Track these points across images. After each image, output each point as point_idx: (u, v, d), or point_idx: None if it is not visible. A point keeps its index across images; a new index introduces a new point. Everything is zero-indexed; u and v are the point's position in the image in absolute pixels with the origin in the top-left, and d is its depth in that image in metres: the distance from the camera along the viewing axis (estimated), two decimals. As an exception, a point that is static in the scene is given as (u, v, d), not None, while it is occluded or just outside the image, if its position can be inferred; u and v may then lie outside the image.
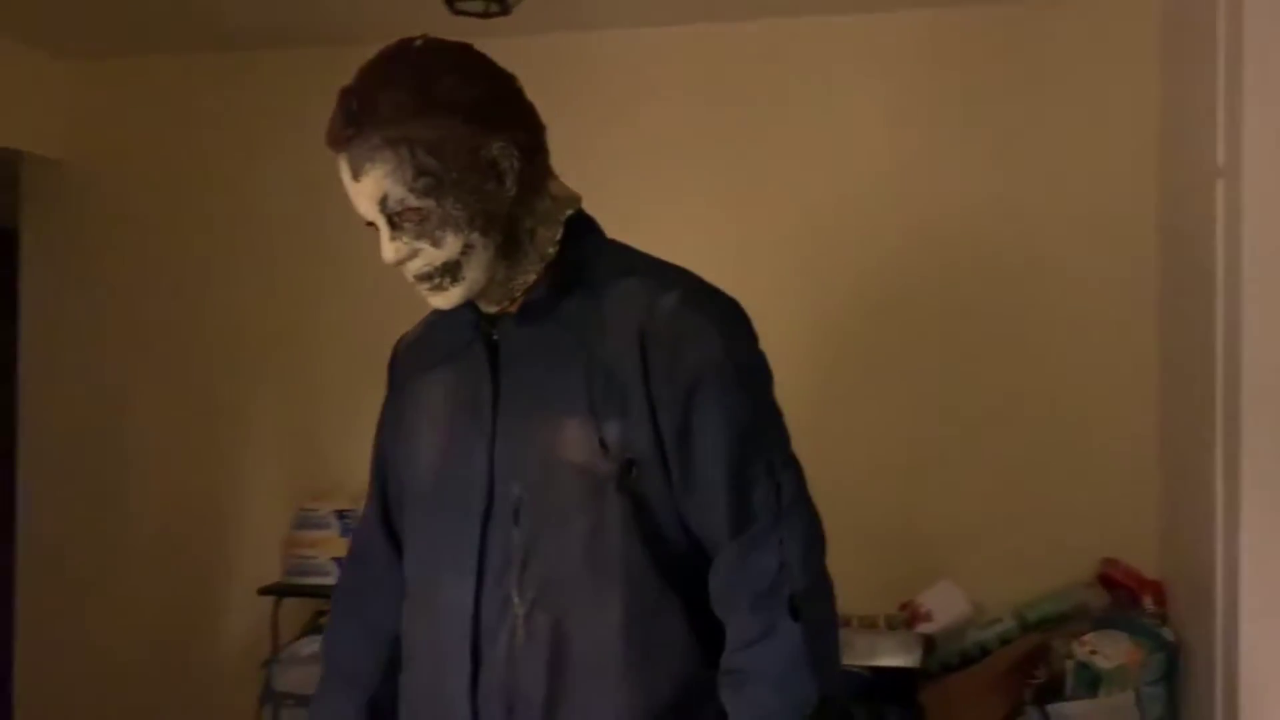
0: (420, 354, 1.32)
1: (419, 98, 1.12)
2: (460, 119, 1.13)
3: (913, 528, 2.48)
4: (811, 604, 1.12)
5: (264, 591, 2.73)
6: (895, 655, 2.24)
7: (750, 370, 1.19)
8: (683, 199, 2.68)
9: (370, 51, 1.15)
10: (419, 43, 1.16)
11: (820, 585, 1.15)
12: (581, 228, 1.24)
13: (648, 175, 2.69)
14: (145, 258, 3.06)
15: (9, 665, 3.10)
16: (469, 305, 1.21)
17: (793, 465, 1.17)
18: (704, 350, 1.14)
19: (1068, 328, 2.51)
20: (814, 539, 1.16)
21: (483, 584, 1.18)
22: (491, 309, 1.22)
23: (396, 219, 1.14)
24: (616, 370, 1.15)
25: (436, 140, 1.12)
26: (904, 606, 2.36)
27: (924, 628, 2.32)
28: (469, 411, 1.22)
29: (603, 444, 1.14)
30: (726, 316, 1.19)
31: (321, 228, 2.80)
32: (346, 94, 1.13)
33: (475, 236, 1.15)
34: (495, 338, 1.22)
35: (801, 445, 1.20)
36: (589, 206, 1.25)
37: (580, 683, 1.15)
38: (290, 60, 2.90)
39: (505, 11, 2.21)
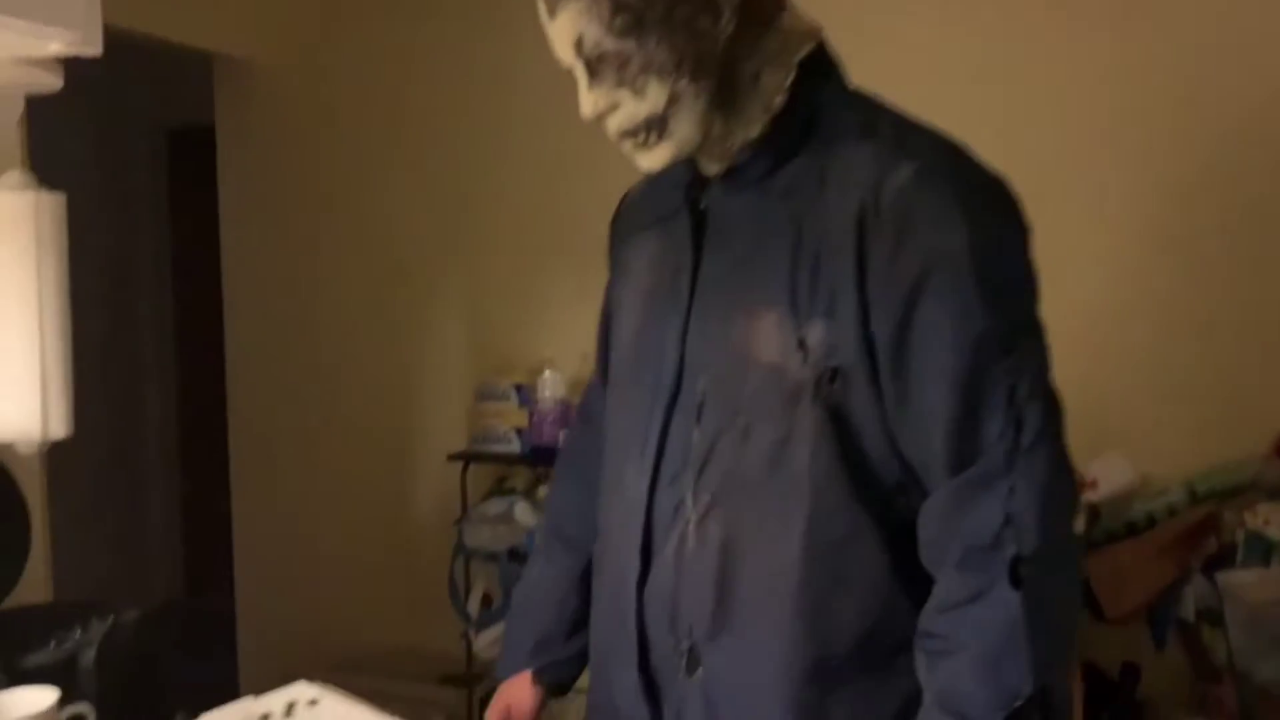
0: (637, 213, 1.21)
1: None
2: None
3: (1083, 395, 2.46)
4: (1043, 573, 0.93)
5: (452, 458, 2.95)
6: (1059, 522, 2.26)
7: (1001, 267, 0.96)
8: (963, 35, 2.54)
9: None
10: None
11: (1059, 553, 0.94)
12: (818, 71, 1.04)
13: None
14: (334, 147, 3.25)
15: (228, 521, 3.44)
16: (688, 163, 1.07)
17: (1044, 397, 0.96)
18: (938, 238, 0.94)
19: (1249, 204, 2.39)
20: (1059, 494, 0.95)
21: (658, 482, 1.07)
22: (713, 169, 1.06)
23: (594, 64, 0.99)
24: (826, 257, 0.97)
25: None
26: (1069, 476, 2.38)
27: (1089, 496, 2.33)
28: (668, 286, 1.09)
29: (801, 345, 0.98)
30: (978, 197, 0.97)
31: (506, 111, 2.91)
32: None
33: (684, 84, 0.98)
34: (703, 205, 1.07)
35: None
36: (839, 43, 1.06)
37: (747, 611, 1.03)
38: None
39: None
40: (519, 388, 2.91)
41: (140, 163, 4.27)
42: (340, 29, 3.21)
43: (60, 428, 1.32)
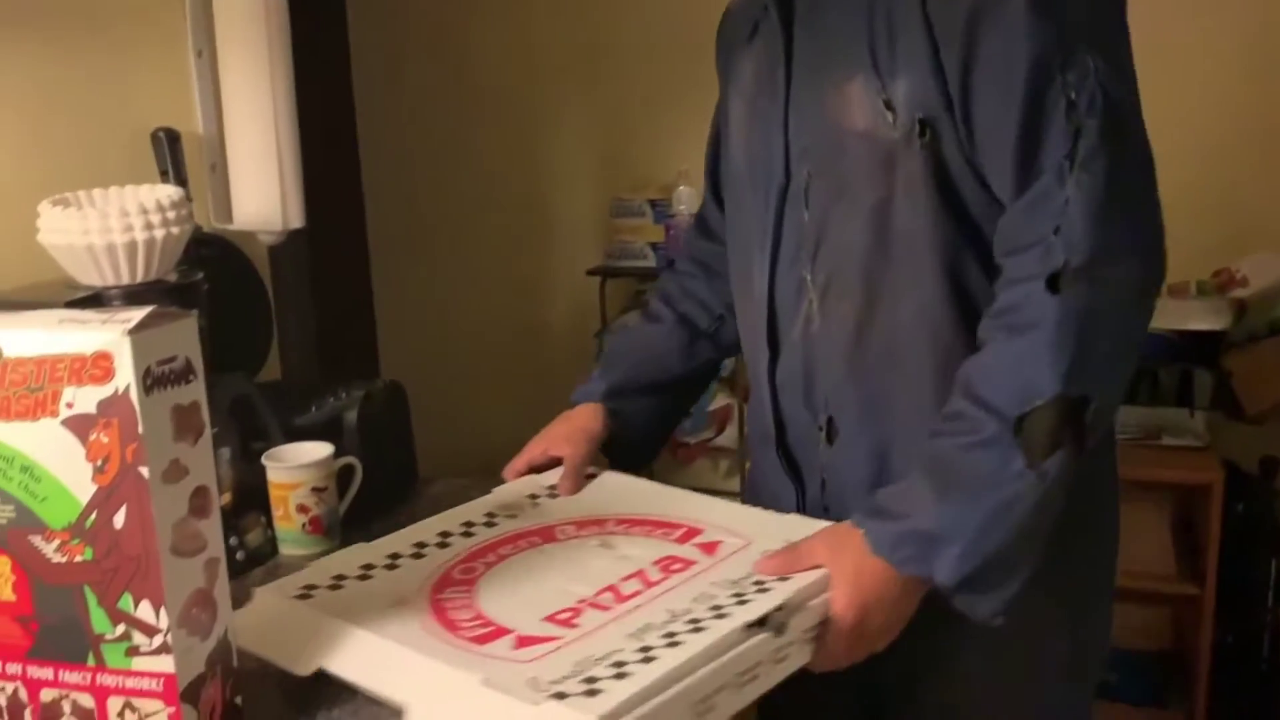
0: (736, 26, 1.23)
1: None
2: None
3: (1235, 194, 2.45)
4: (1089, 285, 0.92)
5: (590, 273, 3.05)
6: (1204, 319, 2.28)
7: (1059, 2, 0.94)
8: None
9: None
10: None
11: (1112, 267, 0.92)
12: None
13: None
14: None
15: (372, 321, 3.53)
16: None
17: (1105, 108, 0.93)
18: None
19: None
20: (1114, 203, 0.92)
21: (776, 269, 1.13)
22: None
23: None
24: (897, 13, 0.99)
25: None
26: (1218, 273, 2.39)
27: (1237, 293, 2.35)
28: (768, 84, 1.13)
29: (889, 106, 1.00)
30: None
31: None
32: None
33: None
34: None
35: None
36: None
37: (876, 370, 1.08)
38: None
39: None
40: (654, 203, 2.98)
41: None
42: None
43: (297, 217, 1.43)
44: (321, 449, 1.27)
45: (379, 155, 3.46)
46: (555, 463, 1.27)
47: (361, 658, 0.91)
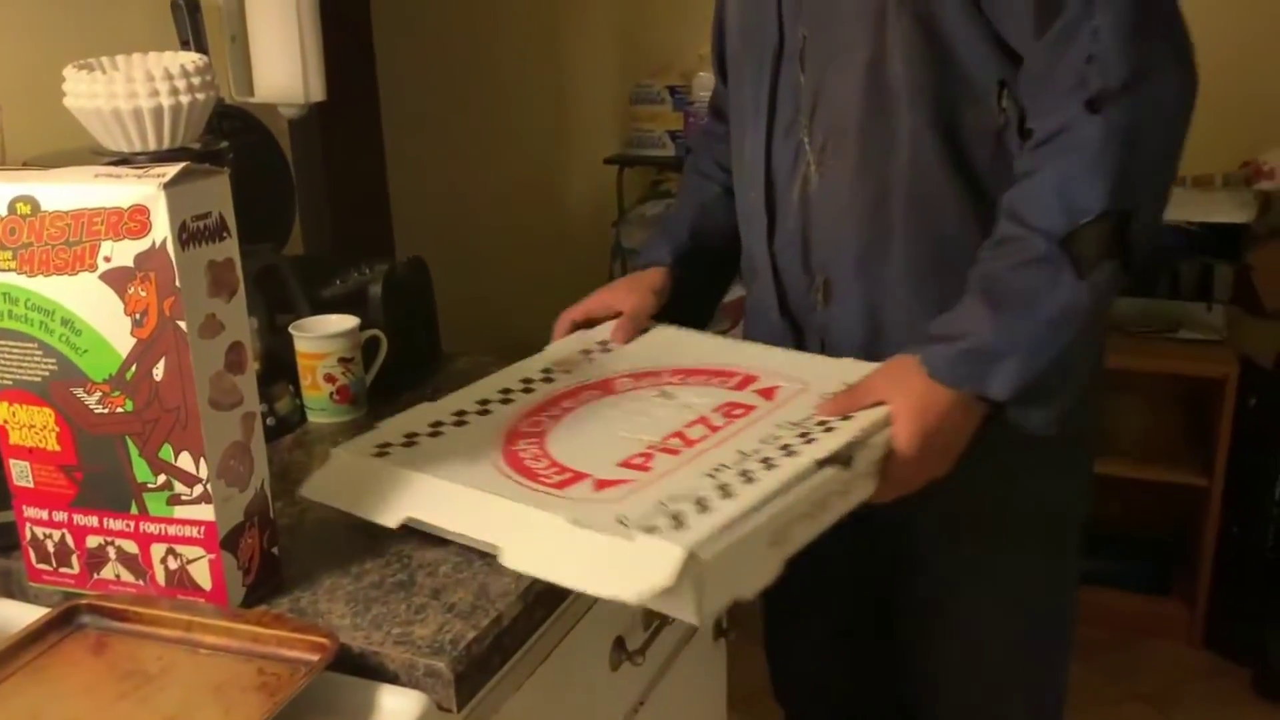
0: None
1: None
2: None
3: (1262, 82, 2.40)
4: (1129, 103, 0.93)
5: (608, 161, 3.03)
6: (1228, 211, 2.26)
7: None
8: None
9: None
10: None
11: (1149, 83, 0.94)
12: None
13: None
14: None
15: (386, 197, 3.52)
16: None
17: None
18: None
19: None
20: (1146, 23, 0.94)
21: (773, 134, 1.16)
22: None
23: None
24: None
25: None
26: (1246, 164, 2.36)
27: (1263, 185, 2.32)
28: None
29: None
30: None
31: None
32: None
33: None
34: None
35: None
36: None
37: (871, 225, 1.11)
38: None
39: None
40: (673, 90, 2.94)
41: None
42: None
43: (318, 91, 1.42)
44: (347, 321, 1.28)
45: (394, 36, 3.40)
46: (610, 317, 1.28)
47: (448, 506, 0.93)
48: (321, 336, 1.26)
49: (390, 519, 0.95)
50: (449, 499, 0.94)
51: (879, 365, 1.07)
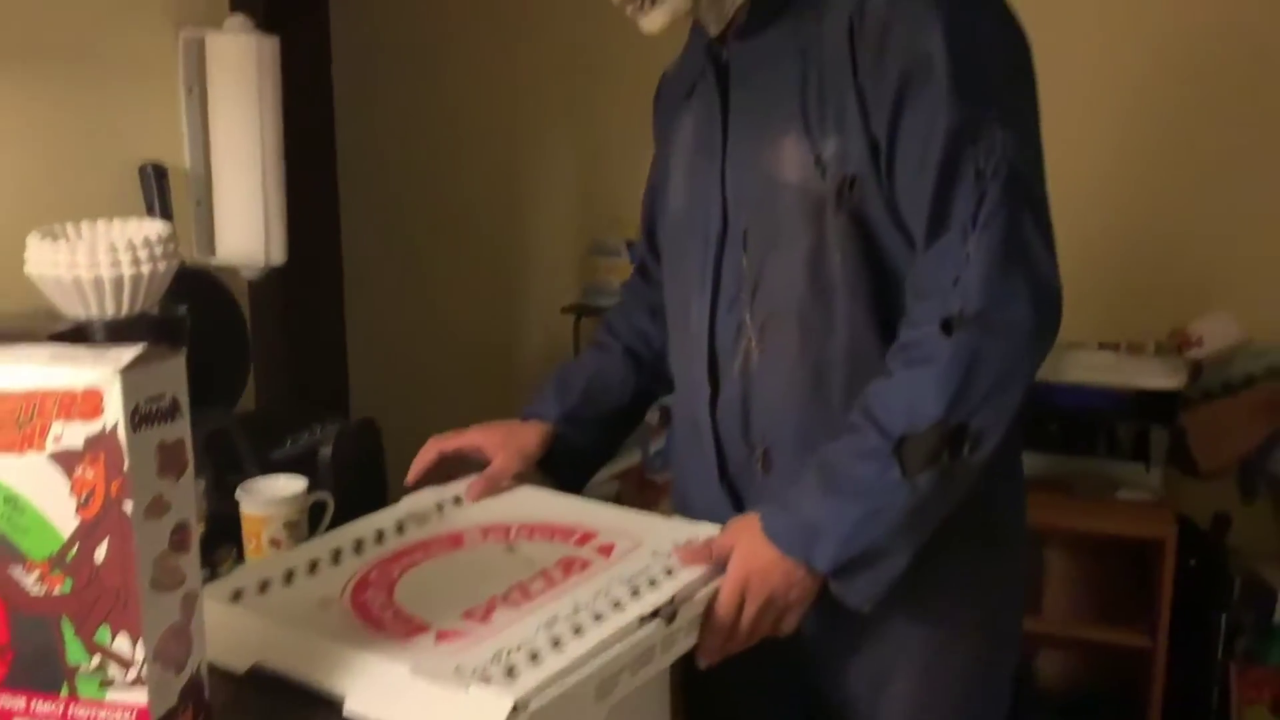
0: (676, 88, 1.32)
1: None
2: None
3: (1190, 256, 2.52)
4: (981, 330, 1.03)
5: (565, 310, 3.08)
6: (1160, 377, 2.35)
7: (976, 63, 1.05)
8: None
9: None
10: None
11: (1002, 316, 1.03)
12: None
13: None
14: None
15: (344, 355, 3.55)
16: (705, 30, 1.19)
17: (1007, 176, 1.04)
18: (914, 43, 1.04)
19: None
20: (1009, 260, 1.03)
21: (716, 309, 1.21)
22: (715, 28, 1.18)
23: None
24: (830, 79, 1.09)
25: None
26: (1175, 334, 2.46)
27: (1193, 354, 2.41)
28: (705, 140, 1.22)
29: (819, 161, 1.09)
30: (955, 2, 1.05)
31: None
32: None
33: None
34: (725, 58, 1.18)
35: (1083, 170, 1.15)
36: None
37: (809, 402, 1.17)
38: None
39: None
40: (630, 243, 3.02)
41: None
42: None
43: (279, 254, 1.46)
44: (295, 484, 1.29)
45: (358, 189, 3.48)
46: (478, 458, 1.34)
47: (295, 653, 0.97)
48: (268, 500, 1.26)
49: (239, 664, 0.98)
50: (296, 646, 0.98)
51: (703, 526, 1.16)
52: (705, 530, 1.17)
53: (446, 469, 1.36)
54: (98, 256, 1.11)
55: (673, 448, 1.38)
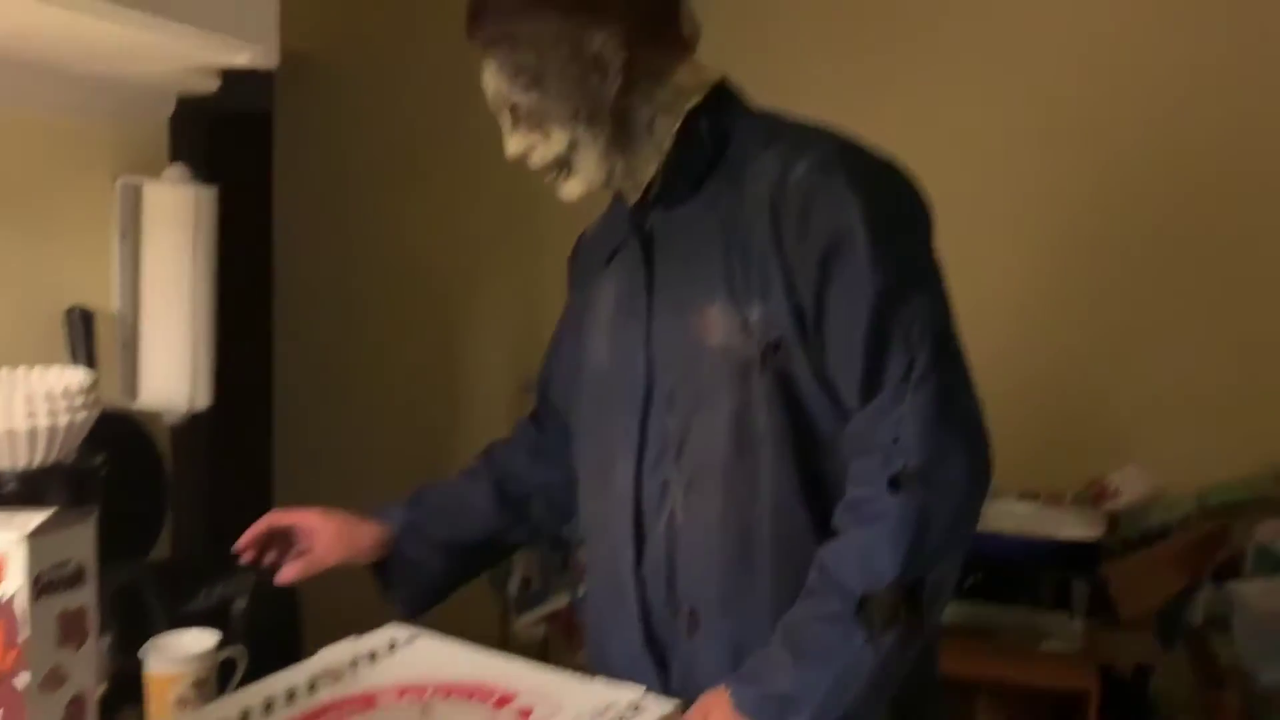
0: (595, 252, 1.35)
1: None
2: (558, 14, 1.13)
3: (1106, 410, 2.61)
4: (923, 486, 1.07)
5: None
6: (1079, 529, 2.40)
7: (893, 235, 1.11)
8: (892, 86, 2.77)
9: None
10: None
11: (943, 471, 1.08)
12: (721, 103, 1.20)
13: (855, 61, 2.79)
14: (388, 148, 3.37)
15: (268, 502, 3.53)
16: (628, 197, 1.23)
17: (935, 340, 1.10)
18: (836, 216, 1.09)
19: (1264, 223, 2.54)
20: (944, 417, 1.08)
21: (642, 470, 1.21)
22: (633, 197, 1.22)
23: (512, 112, 1.17)
24: (753, 248, 1.13)
25: (535, 36, 1.13)
26: (1092, 485, 2.52)
27: (1109, 505, 2.47)
28: (629, 304, 1.24)
29: (744, 327, 1.13)
30: (868, 176, 1.12)
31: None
32: None
33: (581, 130, 1.15)
34: (648, 227, 1.22)
35: (1003, 327, 1.22)
36: (785, 90, 1.24)
37: (735, 562, 1.17)
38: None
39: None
40: (562, 383, 3.04)
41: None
42: (406, 29, 3.32)
43: (203, 399, 1.45)
44: (205, 639, 1.25)
45: (294, 331, 3.48)
46: (290, 535, 1.33)
47: None
48: (175, 658, 1.22)
49: None
50: None
51: (628, 689, 1.14)
52: (627, 695, 1.14)
53: (276, 542, 1.34)
54: (14, 408, 1.10)
55: (589, 604, 1.35)
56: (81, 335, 1.37)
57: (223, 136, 3.91)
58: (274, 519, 1.34)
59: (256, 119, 3.63)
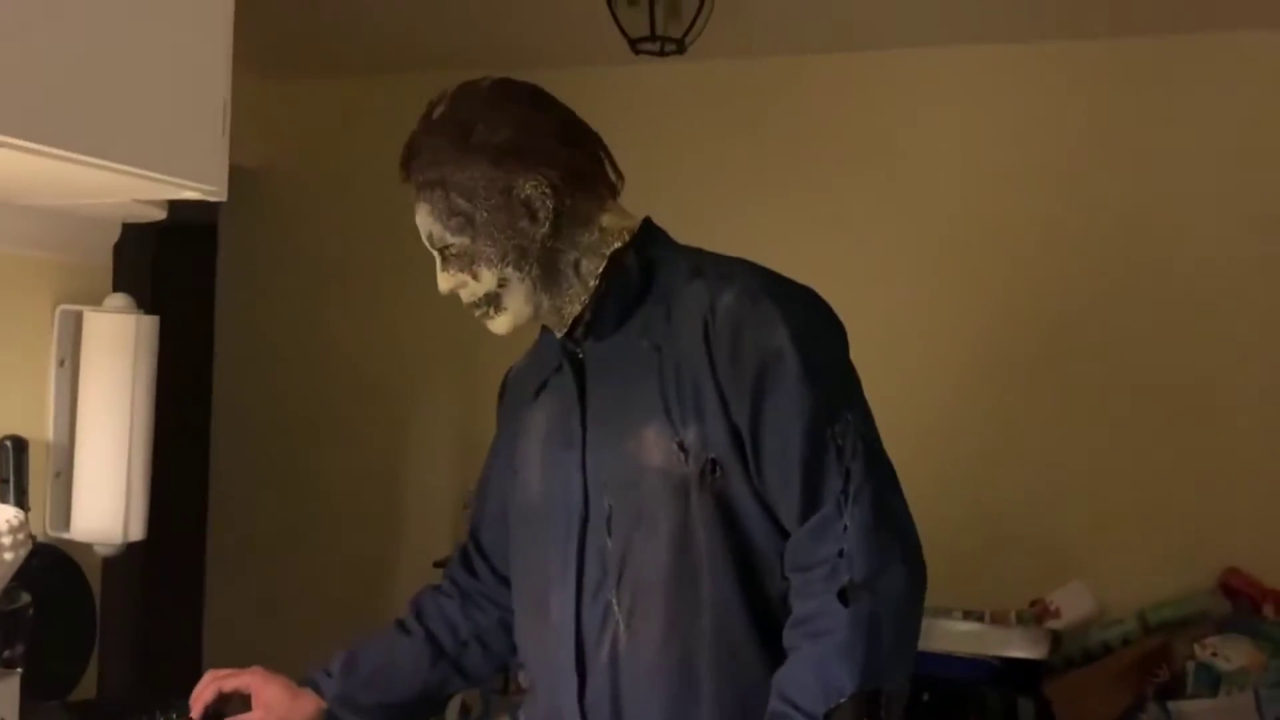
0: (525, 383, 1.36)
1: (455, 143, 1.19)
2: (489, 161, 1.18)
3: (1047, 530, 2.65)
4: (871, 595, 1.09)
5: (437, 564, 3.02)
6: (1024, 648, 2.41)
7: (819, 354, 1.17)
8: (813, 221, 2.88)
9: (547, 75, 1.28)
10: (485, 84, 1.23)
11: (887, 578, 1.11)
12: (646, 240, 1.25)
13: (778, 196, 2.90)
14: (332, 262, 3.38)
15: (199, 634, 3.42)
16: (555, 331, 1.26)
17: (864, 452, 1.14)
18: (765, 342, 1.15)
19: (1203, 345, 2.64)
20: (881, 527, 1.12)
21: (582, 597, 1.20)
22: (560, 331, 1.25)
23: (443, 253, 1.22)
24: (687, 373, 1.17)
25: (467, 182, 1.18)
26: (1035, 603, 2.54)
27: (1052, 624, 2.49)
28: (562, 431, 1.25)
29: (682, 447, 1.15)
30: (792, 304, 1.18)
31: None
32: (411, 134, 1.23)
33: (509, 271, 1.20)
34: (580, 355, 1.25)
35: (942, 449, 1.28)
36: (710, 227, 1.32)
37: (680, 684, 1.16)
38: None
39: (681, 50, 2.45)
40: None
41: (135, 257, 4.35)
42: (352, 141, 3.36)
43: (138, 530, 1.41)
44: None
45: (231, 459, 3.43)
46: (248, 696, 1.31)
47: None
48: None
49: None
50: None
51: None
52: None
53: (221, 706, 1.32)
54: (-61, 549, 1.06)
55: None
56: (12, 464, 1.34)
57: (167, 249, 3.93)
58: (219, 683, 1.31)
59: (201, 230, 3.65)
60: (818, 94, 2.93)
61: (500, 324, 1.24)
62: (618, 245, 1.23)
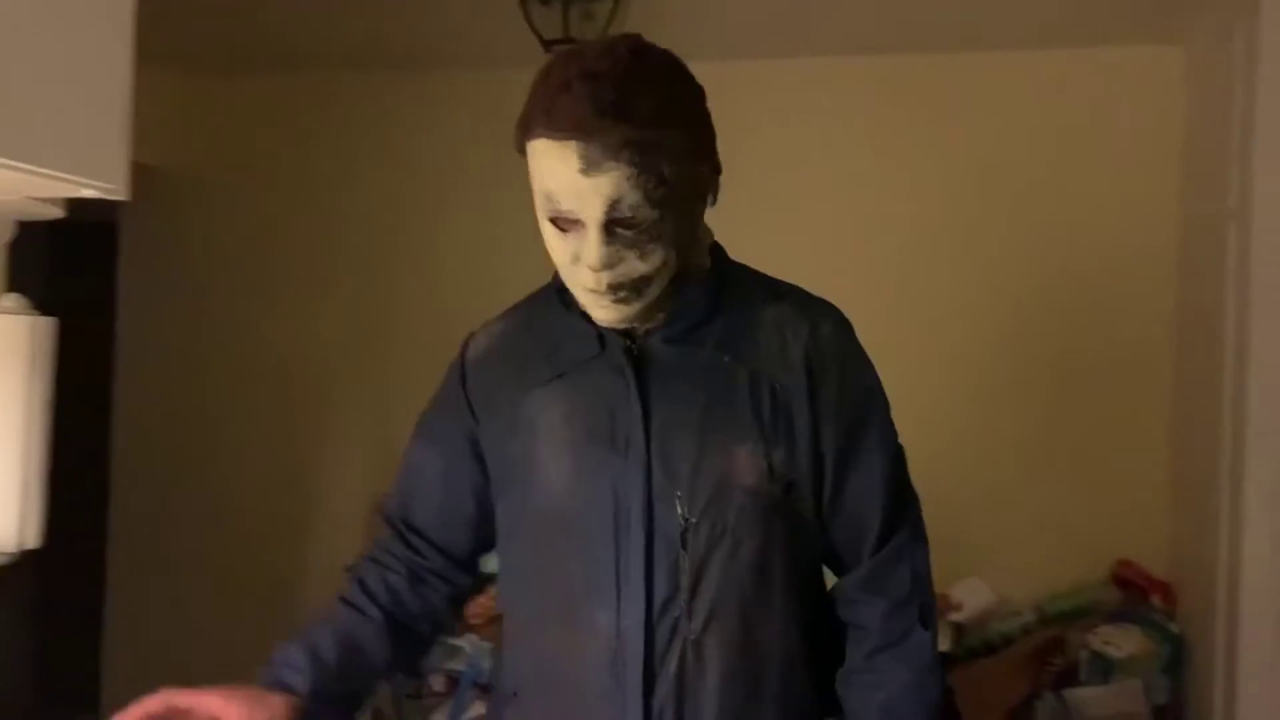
0: (511, 367, 1.24)
1: (673, 105, 1.05)
2: (700, 131, 1.10)
3: (947, 529, 2.71)
4: (934, 616, 1.22)
5: (349, 570, 2.97)
6: (928, 641, 2.48)
7: (886, 398, 1.25)
8: (795, 235, 2.89)
9: (458, 76, 1.20)
10: (648, 45, 1.09)
11: (934, 601, 1.24)
12: (720, 254, 1.24)
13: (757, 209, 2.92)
14: (237, 262, 3.31)
15: (98, 646, 3.31)
16: (581, 315, 1.17)
17: (907, 482, 1.25)
18: (866, 378, 1.22)
19: (1088, 355, 2.75)
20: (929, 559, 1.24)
21: (651, 608, 1.15)
22: (623, 325, 1.15)
23: (618, 223, 1.05)
24: (783, 395, 1.17)
25: (683, 151, 1.06)
26: (937, 598, 2.60)
27: (954, 617, 2.56)
28: (605, 432, 1.17)
29: (770, 468, 1.16)
30: (863, 347, 1.25)
31: (403, 240, 3.09)
32: (595, 81, 1.02)
33: (672, 254, 1.10)
34: (637, 354, 1.17)
35: None
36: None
37: (743, 704, 1.17)
38: (377, 82, 3.15)
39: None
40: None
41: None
42: (256, 137, 3.30)
43: (33, 537, 1.37)
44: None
45: (132, 462, 3.34)
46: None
47: None
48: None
49: None
50: None
51: None
52: None
53: None
54: None
55: None
56: (-101, 473, 1.29)
57: (66, 248, 3.81)
58: (170, 699, 1.16)
59: (101, 228, 3.54)
60: (762, 97, 2.92)
61: (627, 312, 1.11)
62: (712, 238, 1.23)
